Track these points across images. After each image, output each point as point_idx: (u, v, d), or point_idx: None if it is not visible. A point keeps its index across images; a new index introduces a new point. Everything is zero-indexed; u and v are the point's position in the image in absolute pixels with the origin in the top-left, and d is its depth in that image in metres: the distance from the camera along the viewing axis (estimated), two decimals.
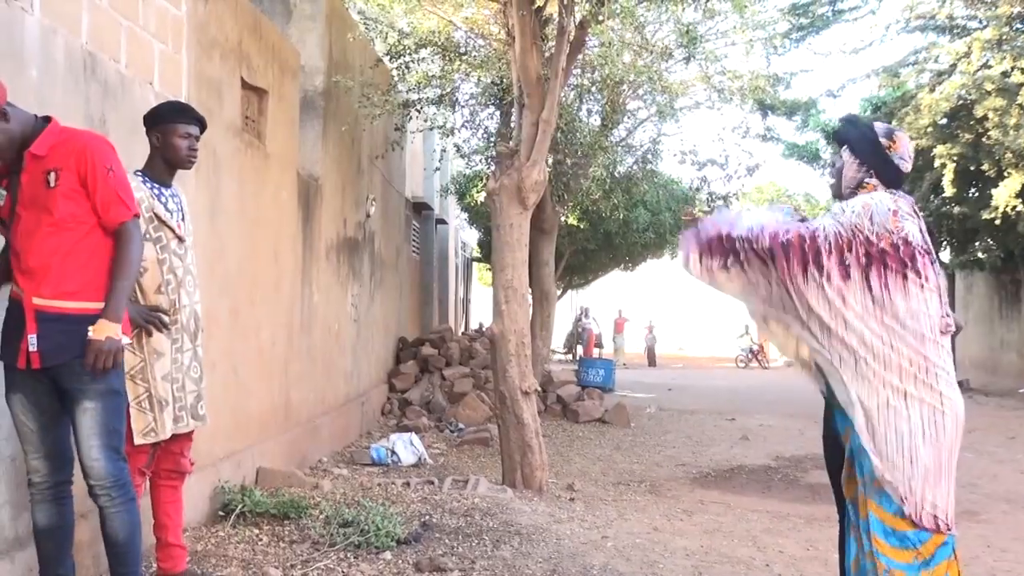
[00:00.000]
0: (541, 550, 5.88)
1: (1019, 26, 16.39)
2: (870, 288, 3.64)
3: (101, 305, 3.62)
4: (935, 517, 3.54)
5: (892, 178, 3.88)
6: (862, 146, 3.93)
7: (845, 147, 3.99)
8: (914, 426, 3.58)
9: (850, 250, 3.67)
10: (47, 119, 3.61)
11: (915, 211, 3.86)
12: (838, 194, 4.04)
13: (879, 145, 3.90)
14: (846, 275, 3.65)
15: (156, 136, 4.45)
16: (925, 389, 3.61)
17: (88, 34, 4.54)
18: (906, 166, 3.94)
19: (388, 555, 5.52)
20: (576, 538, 6.35)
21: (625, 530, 6.84)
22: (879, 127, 3.99)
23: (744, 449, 11.42)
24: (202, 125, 4.58)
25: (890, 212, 3.75)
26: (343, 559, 5.38)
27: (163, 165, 4.36)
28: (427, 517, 6.32)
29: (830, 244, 3.69)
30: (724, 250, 3.93)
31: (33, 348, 3.55)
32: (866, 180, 3.89)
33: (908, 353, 3.61)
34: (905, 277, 3.65)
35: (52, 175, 3.53)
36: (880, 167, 3.88)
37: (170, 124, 4.47)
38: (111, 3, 4.74)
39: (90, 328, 3.58)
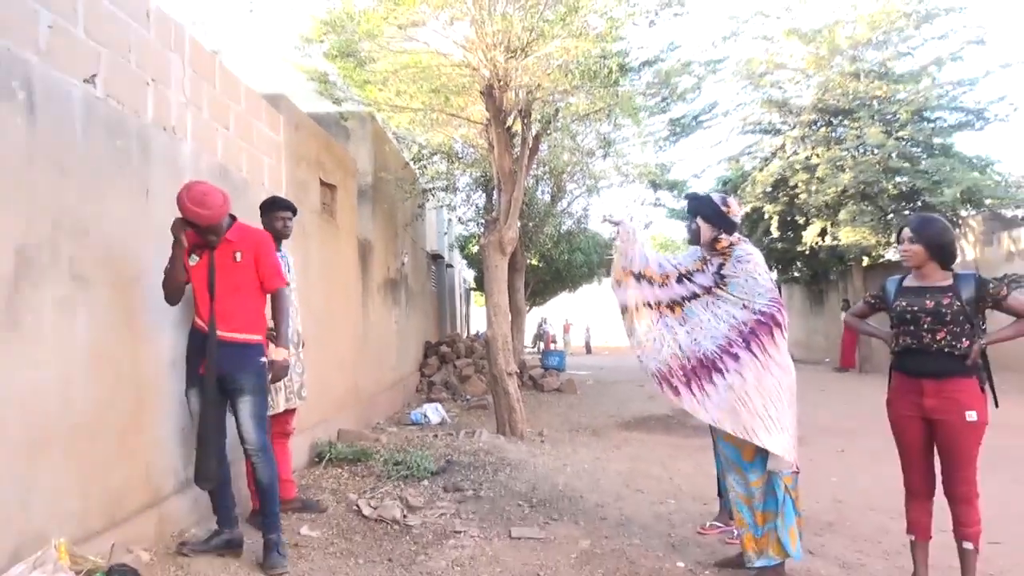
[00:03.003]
0: (524, 474, 5.90)
1: (815, 128, 16.62)
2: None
3: (260, 337, 3.80)
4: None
5: (732, 230, 3.89)
6: (711, 215, 3.87)
7: (698, 216, 3.92)
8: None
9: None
10: (234, 217, 3.76)
11: None
12: (695, 243, 4.00)
13: (722, 212, 3.87)
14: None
15: (266, 219, 4.52)
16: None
17: (222, 153, 4.58)
18: (738, 220, 3.94)
19: (426, 482, 5.54)
20: (546, 466, 6.36)
21: (578, 460, 6.85)
22: (716, 198, 3.93)
23: (651, 404, 11.43)
24: (293, 211, 4.64)
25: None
26: (397, 485, 5.39)
27: (272, 237, 4.41)
28: (449, 456, 6.33)
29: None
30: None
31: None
32: (719, 236, 3.86)
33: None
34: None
35: (238, 254, 3.70)
36: (725, 225, 3.86)
37: (273, 211, 4.56)
38: (236, 133, 4.79)
39: (273, 352, 3.84)
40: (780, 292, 4.71)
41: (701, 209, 3.91)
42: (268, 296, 3.89)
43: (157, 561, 3.50)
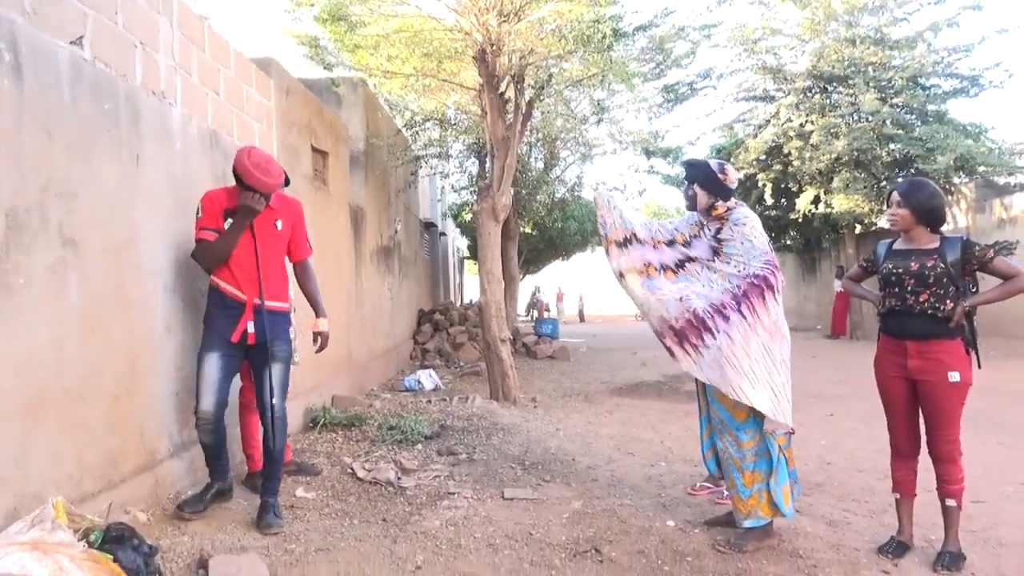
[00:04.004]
0: (517, 438, 5.97)
1: (809, 94, 16.54)
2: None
3: (289, 305, 3.93)
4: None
5: (728, 196, 3.91)
6: (707, 182, 3.88)
7: (695, 183, 3.93)
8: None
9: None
10: None
11: None
12: (692, 209, 4.01)
13: (718, 179, 3.88)
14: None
15: None
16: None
17: (212, 118, 4.54)
18: (734, 187, 3.96)
19: (419, 446, 5.60)
20: (539, 430, 6.43)
21: (570, 424, 6.93)
22: (713, 164, 3.94)
23: (644, 371, 11.54)
24: (286, 179, 4.61)
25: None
26: (391, 449, 5.45)
27: None
28: (443, 421, 6.39)
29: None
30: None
31: (251, 330, 3.69)
32: (716, 203, 3.88)
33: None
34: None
35: (279, 222, 3.81)
36: (721, 192, 3.87)
37: None
38: (226, 98, 4.74)
39: (320, 324, 4.10)
40: None
41: (698, 176, 3.92)
42: (292, 265, 4.03)
43: (154, 522, 3.55)
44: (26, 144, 2.88)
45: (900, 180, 14.59)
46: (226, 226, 3.69)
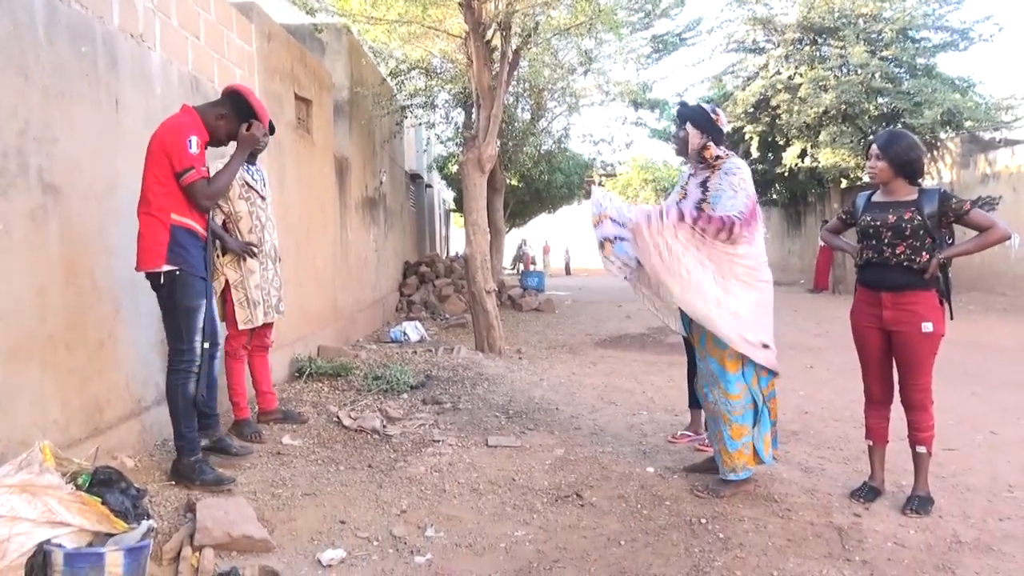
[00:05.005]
0: (502, 388, 6.04)
1: (799, 46, 16.39)
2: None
3: None
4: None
5: (720, 139, 3.89)
6: (700, 121, 3.87)
7: (688, 123, 3.91)
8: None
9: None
10: None
11: None
12: (683, 153, 4.01)
13: (711, 119, 3.88)
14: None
15: None
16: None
17: (192, 63, 4.47)
18: (727, 130, 3.96)
19: (405, 395, 5.65)
20: (523, 381, 6.51)
21: (554, 375, 7.00)
22: (707, 106, 3.95)
23: (628, 323, 11.62)
24: (271, 128, 4.55)
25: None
26: (376, 399, 5.50)
27: None
28: (429, 371, 6.44)
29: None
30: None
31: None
32: (707, 144, 3.86)
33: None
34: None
35: None
36: (713, 133, 3.86)
37: None
38: (206, 42, 4.66)
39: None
40: None
41: (690, 115, 3.92)
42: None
43: (141, 467, 3.59)
44: (2, 85, 2.83)
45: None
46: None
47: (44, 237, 3.08)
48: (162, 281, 3.33)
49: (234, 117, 3.56)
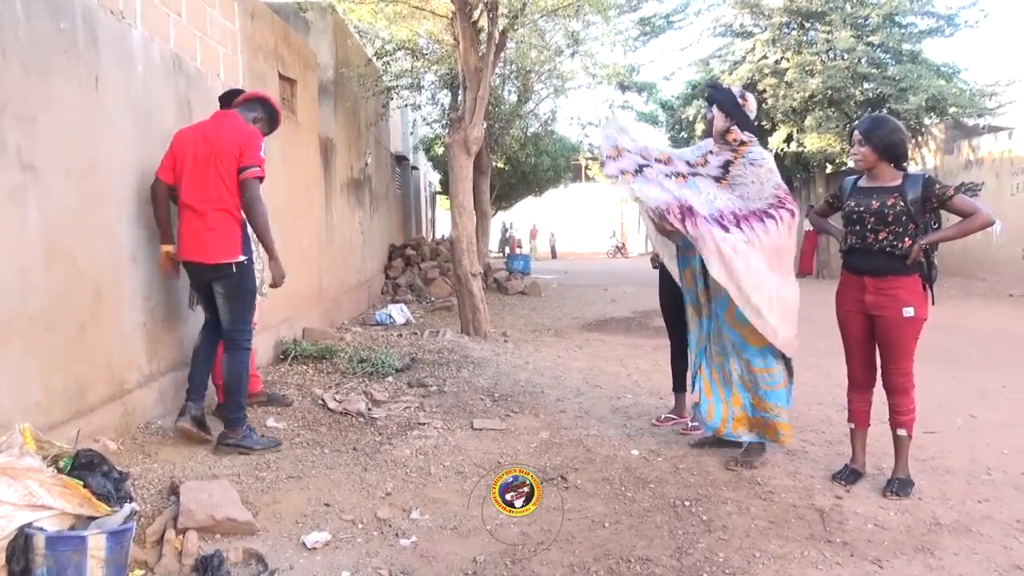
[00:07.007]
0: (487, 371, 6.04)
1: (786, 31, 16.38)
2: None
3: None
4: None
5: (746, 124, 3.91)
6: (727, 104, 3.90)
7: (715, 105, 3.92)
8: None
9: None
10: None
11: None
12: (708, 134, 4.04)
13: (738, 103, 3.90)
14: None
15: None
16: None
17: (174, 41, 4.40)
18: (753, 116, 3.97)
19: (390, 378, 5.65)
20: (509, 364, 6.51)
21: (540, 358, 7.02)
22: (735, 90, 3.96)
23: (613, 307, 11.66)
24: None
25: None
26: (362, 382, 5.49)
27: None
28: (414, 354, 6.42)
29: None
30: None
31: None
32: (731, 127, 3.89)
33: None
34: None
35: None
36: (739, 118, 3.88)
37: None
38: (188, 20, 4.59)
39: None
40: None
41: (718, 97, 3.94)
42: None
43: (124, 450, 3.57)
44: None
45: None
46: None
47: (24, 217, 3.03)
48: (234, 270, 3.75)
49: (266, 120, 4.04)
